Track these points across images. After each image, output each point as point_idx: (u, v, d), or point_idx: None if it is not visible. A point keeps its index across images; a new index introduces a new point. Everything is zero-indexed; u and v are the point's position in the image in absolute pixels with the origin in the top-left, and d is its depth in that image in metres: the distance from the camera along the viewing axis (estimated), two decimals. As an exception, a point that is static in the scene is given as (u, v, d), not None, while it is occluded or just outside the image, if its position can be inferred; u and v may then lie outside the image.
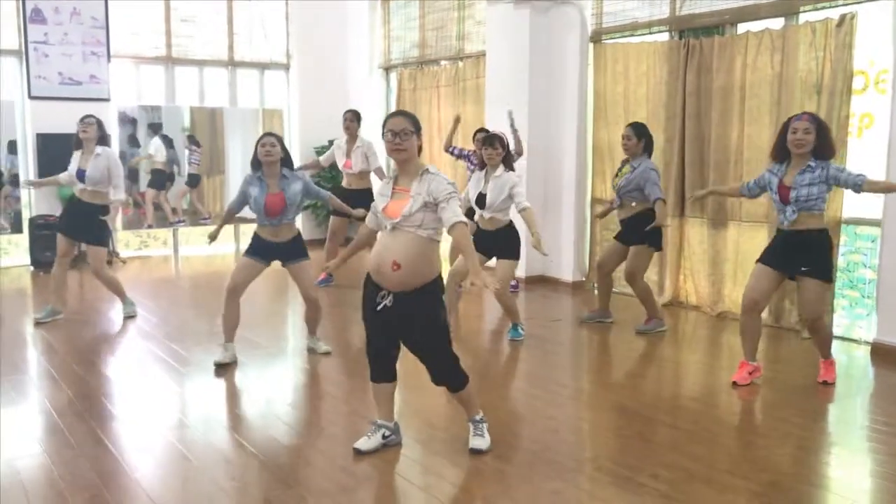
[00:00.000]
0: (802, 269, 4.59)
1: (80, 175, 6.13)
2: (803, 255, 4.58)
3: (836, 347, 5.06)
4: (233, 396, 4.73)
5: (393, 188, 3.61)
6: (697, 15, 6.69)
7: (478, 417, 3.82)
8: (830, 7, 5.75)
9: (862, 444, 4.09)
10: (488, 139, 5.64)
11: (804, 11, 5.95)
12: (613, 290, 6.51)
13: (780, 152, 4.62)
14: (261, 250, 5.14)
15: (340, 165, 7.89)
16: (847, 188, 4.56)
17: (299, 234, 5.27)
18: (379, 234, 3.70)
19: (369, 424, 3.86)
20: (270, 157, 5.00)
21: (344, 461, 3.66)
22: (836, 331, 5.64)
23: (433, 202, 3.47)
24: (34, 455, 3.74)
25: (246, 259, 5.15)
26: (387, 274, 3.52)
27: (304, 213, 10.44)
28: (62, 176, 6.35)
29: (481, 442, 3.76)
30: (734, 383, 4.75)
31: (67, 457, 3.71)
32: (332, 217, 7.93)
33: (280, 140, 5.08)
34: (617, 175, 6.15)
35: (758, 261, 4.79)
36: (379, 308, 3.57)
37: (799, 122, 4.51)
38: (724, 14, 6.46)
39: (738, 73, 6.27)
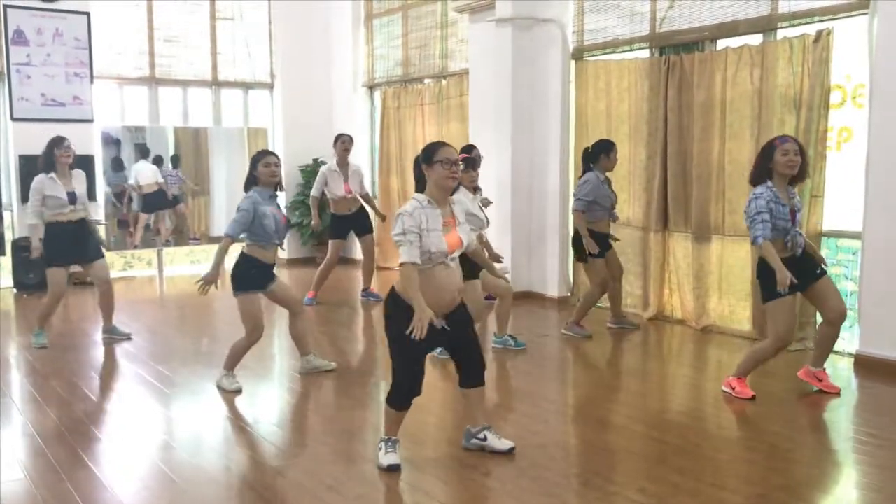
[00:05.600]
0: (818, 272, 4.75)
1: (73, 198, 6.07)
2: (811, 262, 4.75)
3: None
4: (219, 417, 4.69)
5: (443, 220, 3.66)
6: (677, 32, 6.77)
7: (487, 423, 3.98)
8: (807, 23, 5.84)
9: (848, 456, 4.11)
10: (470, 162, 5.72)
11: (782, 27, 6.03)
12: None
13: (763, 175, 4.64)
14: (259, 279, 5.01)
15: (339, 192, 7.69)
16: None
17: None
18: (424, 273, 3.58)
19: (384, 443, 3.79)
20: (276, 178, 4.98)
21: (332, 482, 3.64)
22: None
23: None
24: (17, 480, 3.69)
25: (252, 295, 4.97)
26: (452, 304, 3.70)
27: (290, 232, 10.43)
28: (34, 217, 6.05)
29: (507, 442, 3.94)
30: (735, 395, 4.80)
31: (51, 481, 3.67)
32: (333, 243, 7.80)
33: (279, 160, 5.09)
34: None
35: (778, 297, 4.61)
36: (439, 328, 3.65)
37: (789, 144, 4.57)
38: (704, 31, 6.54)
39: (718, 88, 6.35)
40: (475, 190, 5.85)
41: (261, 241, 4.93)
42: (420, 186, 3.75)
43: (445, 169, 3.62)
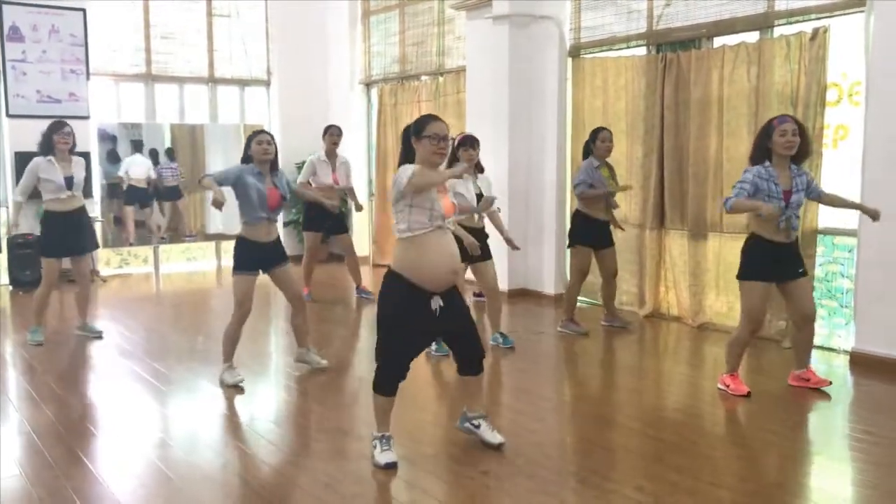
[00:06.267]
0: (799, 271, 4.72)
1: (69, 183, 6.00)
2: (795, 259, 4.73)
3: (815, 357, 5.10)
4: (215, 415, 4.69)
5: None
6: (674, 29, 6.77)
7: (484, 412, 3.97)
8: (804, 21, 5.84)
9: (843, 453, 4.12)
10: (469, 140, 5.73)
11: (778, 25, 6.04)
12: (581, 297, 6.75)
13: (762, 156, 4.63)
14: (252, 261, 5.01)
15: (327, 180, 7.73)
16: (810, 197, 4.81)
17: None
18: (423, 238, 3.58)
19: (378, 441, 3.78)
20: (268, 156, 4.99)
21: (328, 479, 3.64)
22: (815, 340, 5.68)
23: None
24: (13, 477, 3.69)
25: (244, 276, 5.00)
26: (448, 275, 3.64)
27: (285, 228, 10.42)
28: (20, 194, 6.07)
29: (499, 436, 3.93)
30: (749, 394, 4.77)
31: (47, 478, 3.66)
32: (307, 234, 7.85)
33: (273, 139, 5.07)
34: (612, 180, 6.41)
35: (753, 278, 4.66)
36: (434, 310, 3.62)
37: (787, 125, 4.53)
38: (701, 28, 6.54)
39: (715, 86, 6.35)
40: (477, 167, 5.81)
41: (247, 217, 4.95)
42: (406, 156, 3.72)
43: (433, 144, 3.62)
